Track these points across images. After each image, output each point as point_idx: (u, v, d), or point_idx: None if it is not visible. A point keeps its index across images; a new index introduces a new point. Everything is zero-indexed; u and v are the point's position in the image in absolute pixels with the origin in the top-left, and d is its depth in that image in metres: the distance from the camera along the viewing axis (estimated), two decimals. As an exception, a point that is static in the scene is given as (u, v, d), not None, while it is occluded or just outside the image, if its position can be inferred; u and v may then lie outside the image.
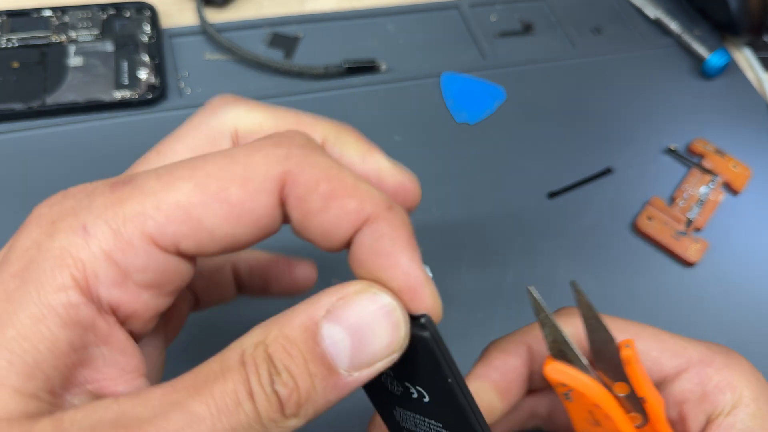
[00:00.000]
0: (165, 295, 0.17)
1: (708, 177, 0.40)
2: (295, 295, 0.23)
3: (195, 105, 0.38)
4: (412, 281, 0.17)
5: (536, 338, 0.23)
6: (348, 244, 0.17)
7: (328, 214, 0.17)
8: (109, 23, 0.40)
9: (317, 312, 0.16)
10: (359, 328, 0.16)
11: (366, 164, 0.20)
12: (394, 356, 0.17)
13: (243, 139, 0.19)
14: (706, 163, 0.40)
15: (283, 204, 0.17)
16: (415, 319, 0.17)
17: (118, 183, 0.16)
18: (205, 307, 0.23)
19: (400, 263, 0.17)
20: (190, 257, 0.17)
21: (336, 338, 0.15)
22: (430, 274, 0.23)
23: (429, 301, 0.17)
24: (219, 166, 0.16)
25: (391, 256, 0.17)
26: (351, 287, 0.16)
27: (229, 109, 0.20)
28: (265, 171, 0.16)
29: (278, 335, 0.15)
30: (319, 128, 0.20)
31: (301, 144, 0.17)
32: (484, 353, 0.24)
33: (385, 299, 0.17)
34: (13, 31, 0.39)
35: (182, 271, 0.17)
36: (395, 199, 0.18)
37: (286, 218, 0.17)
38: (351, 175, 0.17)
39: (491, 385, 0.22)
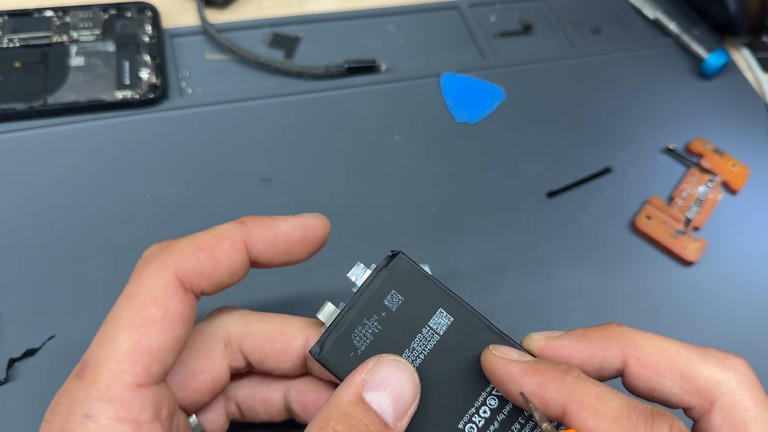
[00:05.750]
0: (168, 417, 0.21)
1: (707, 176, 0.40)
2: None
3: (196, 105, 0.39)
4: None
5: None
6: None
7: None
8: (110, 23, 0.40)
9: (357, 387, 0.20)
10: (390, 385, 0.21)
11: None
12: (418, 397, 0.21)
13: (234, 342, 0.24)
14: (705, 163, 0.41)
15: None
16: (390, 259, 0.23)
17: (80, 371, 0.20)
18: (252, 419, 0.26)
19: None
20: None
21: (379, 400, 0.20)
22: (429, 273, 0.23)
23: None
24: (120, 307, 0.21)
25: None
26: (369, 362, 0.21)
27: (224, 317, 0.24)
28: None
29: (339, 416, 0.20)
30: (300, 328, 0.24)
31: None
32: None
33: (398, 358, 0.21)
34: (14, 31, 0.39)
35: (168, 394, 0.21)
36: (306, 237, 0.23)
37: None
38: None
39: None
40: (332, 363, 0.22)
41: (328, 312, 0.23)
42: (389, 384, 0.21)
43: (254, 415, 0.25)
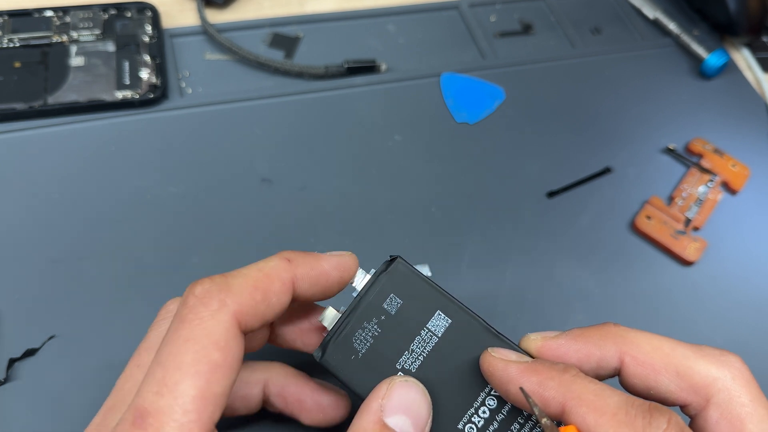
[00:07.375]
0: None
1: (707, 176, 0.40)
2: (323, 425, 0.26)
3: (196, 105, 0.39)
4: None
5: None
6: None
7: None
8: (110, 23, 0.40)
9: (377, 414, 0.21)
10: (407, 407, 0.21)
11: None
12: (431, 413, 0.22)
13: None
14: (705, 163, 0.41)
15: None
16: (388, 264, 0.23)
17: (138, 421, 0.18)
18: (229, 415, 0.26)
19: None
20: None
21: (400, 423, 0.21)
22: (429, 274, 0.23)
23: None
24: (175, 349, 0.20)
25: None
26: (383, 386, 0.22)
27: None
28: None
29: None
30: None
31: None
32: None
33: (408, 378, 0.22)
34: (14, 31, 0.39)
35: None
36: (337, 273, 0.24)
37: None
38: None
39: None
40: (334, 366, 0.23)
41: (330, 317, 0.23)
42: (406, 406, 0.21)
43: (232, 412, 0.26)
